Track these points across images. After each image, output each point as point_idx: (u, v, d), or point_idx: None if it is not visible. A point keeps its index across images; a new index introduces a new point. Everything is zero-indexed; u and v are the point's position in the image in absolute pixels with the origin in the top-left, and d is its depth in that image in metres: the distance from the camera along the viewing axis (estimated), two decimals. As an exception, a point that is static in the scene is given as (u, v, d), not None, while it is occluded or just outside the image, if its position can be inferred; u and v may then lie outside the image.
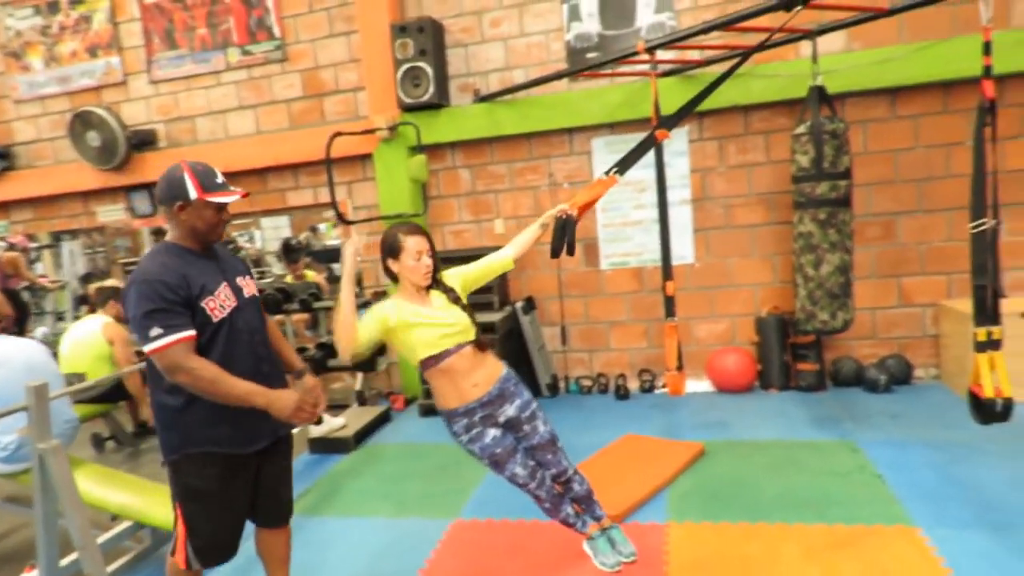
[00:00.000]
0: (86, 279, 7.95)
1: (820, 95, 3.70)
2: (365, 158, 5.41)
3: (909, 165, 4.55)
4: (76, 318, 6.69)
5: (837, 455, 3.51)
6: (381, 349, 5.39)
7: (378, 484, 3.74)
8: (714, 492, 3.21)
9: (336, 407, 5.11)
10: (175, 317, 1.91)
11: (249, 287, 2.21)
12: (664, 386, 4.97)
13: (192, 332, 1.94)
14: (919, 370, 4.64)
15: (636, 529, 2.87)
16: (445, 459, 3.99)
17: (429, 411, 4.90)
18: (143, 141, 5.85)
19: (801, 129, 3.71)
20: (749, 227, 4.87)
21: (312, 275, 6.62)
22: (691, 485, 3.31)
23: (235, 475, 2.11)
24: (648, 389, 4.99)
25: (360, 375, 5.28)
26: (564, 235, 2.52)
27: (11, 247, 6.48)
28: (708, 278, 4.95)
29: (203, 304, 1.99)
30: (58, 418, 3.14)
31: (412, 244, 2.29)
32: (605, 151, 5.02)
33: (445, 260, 2.46)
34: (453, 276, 2.46)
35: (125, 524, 2.99)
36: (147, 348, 1.90)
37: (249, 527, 2.28)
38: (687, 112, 3.07)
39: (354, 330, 2.20)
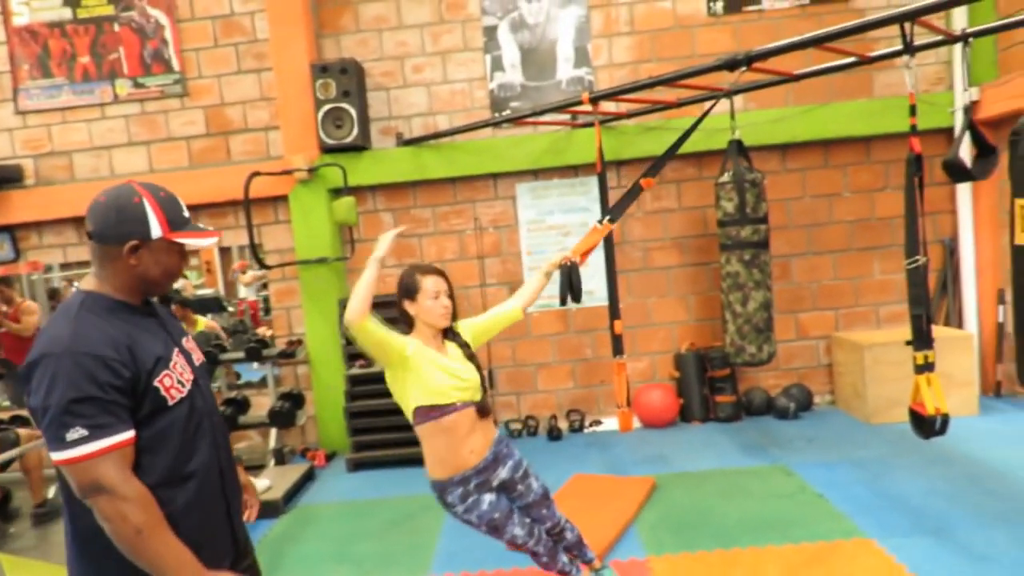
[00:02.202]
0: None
1: (739, 148, 4.07)
2: (278, 200, 5.13)
3: (799, 212, 5.11)
4: None
5: (775, 479, 3.76)
6: (300, 402, 5.05)
7: (326, 547, 3.45)
8: (680, 523, 3.31)
9: (249, 468, 4.68)
10: (110, 412, 1.34)
11: (196, 351, 1.65)
12: (593, 424, 5.09)
13: (130, 434, 1.37)
14: (817, 396, 5.13)
15: (619, 567, 2.88)
16: (393, 514, 3.78)
17: (360, 465, 4.63)
18: (6, 177, 5.15)
19: (725, 178, 4.05)
20: (665, 269, 5.18)
21: (204, 322, 6.06)
22: (656, 518, 3.39)
23: None
24: (578, 429, 5.07)
25: (274, 432, 4.89)
26: (570, 282, 2.55)
27: None
28: (629, 318, 5.18)
29: (157, 383, 1.42)
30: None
31: (430, 284, 2.21)
32: (529, 196, 5.16)
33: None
34: (465, 328, 2.39)
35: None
36: (60, 456, 1.31)
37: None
38: (664, 161, 3.26)
39: (367, 304, 1.99)
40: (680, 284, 5.18)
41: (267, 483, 4.18)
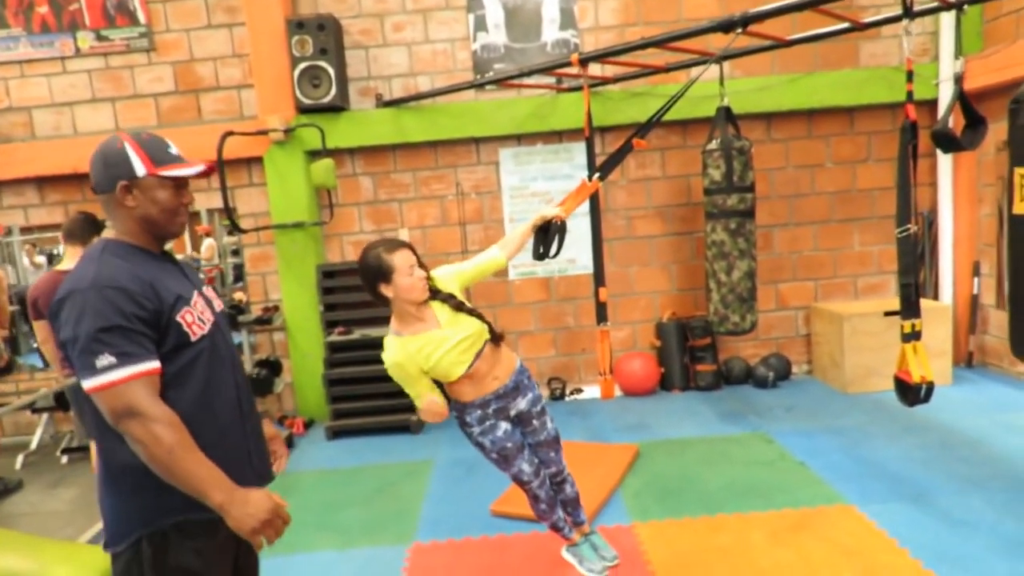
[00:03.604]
0: None
1: (727, 115, 4.02)
2: (252, 162, 4.96)
3: (782, 183, 5.10)
4: None
5: (756, 446, 3.80)
6: (277, 369, 4.96)
7: (308, 515, 3.40)
8: (664, 489, 3.33)
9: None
10: (136, 341, 1.38)
11: (216, 299, 1.70)
12: (575, 392, 5.09)
13: (156, 365, 1.41)
14: (795, 366, 5.19)
15: (605, 532, 2.88)
16: (376, 481, 3.74)
17: (339, 432, 4.57)
18: (-38, 133, 4.88)
19: (713, 145, 4.01)
20: (648, 238, 5.15)
21: None
22: (640, 485, 3.40)
23: (223, 549, 1.59)
24: (559, 397, 5.06)
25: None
26: (548, 238, 2.50)
27: None
28: (611, 286, 5.10)
29: (178, 318, 1.47)
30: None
31: (401, 260, 2.09)
32: (512, 162, 5.06)
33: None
34: (447, 278, 2.29)
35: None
36: (90, 384, 1.35)
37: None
38: (655, 122, 3.19)
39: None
40: (663, 253, 5.16)
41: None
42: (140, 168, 1.49)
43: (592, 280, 5.00)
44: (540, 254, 2.56)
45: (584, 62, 3.78)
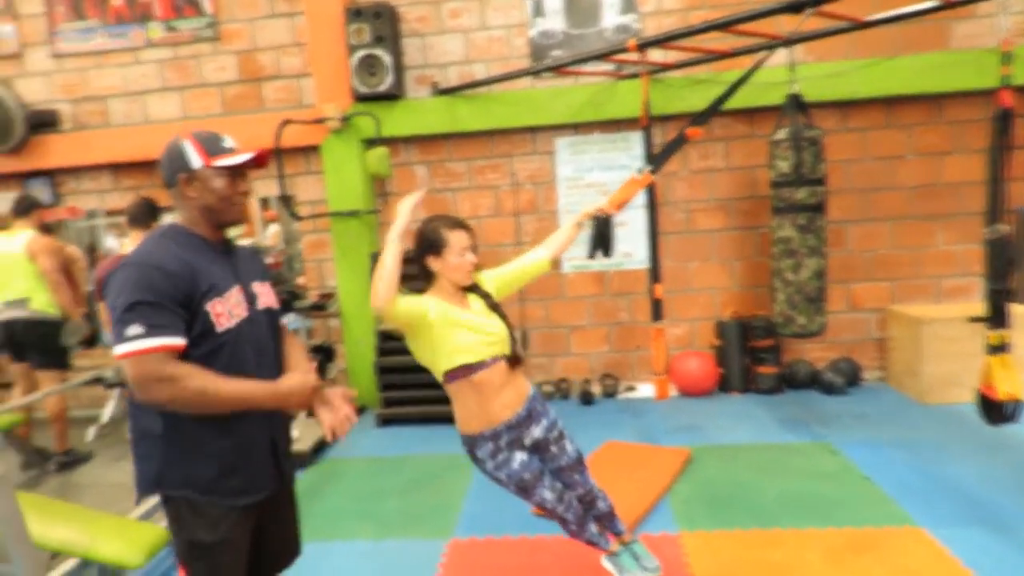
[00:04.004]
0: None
1: (797, 103, 3.77)
2: (310, 150, 5.01)
3: (857, 175, 4.77)
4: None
5: (818, 457, 3.56)
6: (331, 355, 5.02)
7: (350, 503, 3.41)
8: (715, 498, 3.16)
9: (279, 420, 4.68)
10: (165, 316, 1.49)
11: (266, 296, 1.78)
12: (628, 390, 4.94)
13: (183, 341, 1.52)
14: (866, 372, 4.87)
15: (649, 541, 2.75)
16: (418, 473, 3.72)
17: (389, 420, 4.58)
18: (43, 122, 5.13)
19: (781, 135, 3.77)
20: (709, 232, 4.92)
21: None
22: (690, 492, 3.25)
23: (242, 533, 1.69)
24: (611, 394, 4.93)
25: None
26: (602, 234, 2.38)
27: None
28: (668, 282, 4.93)
29: (207, 307, 1.57)
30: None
31: (457, 240, 2.07)
32: (568, 151, 4.93)
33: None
34: (488, 279, 2.25)
35: (70, 563, 2.53)
36: (120, 350, 1.47)
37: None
38: (714, 110, 3.01)
39: (395, 287, 1.87)
40: (724, 248, 4.92)
41: (295, 434, 4.16)
42: (197, 160, 1.63)
43: (648, 275, 4.85)
44: (594, 253, 2.44)
45: (642, 47, 3.61)
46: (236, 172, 1.67)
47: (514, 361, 2.18)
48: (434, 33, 4.91)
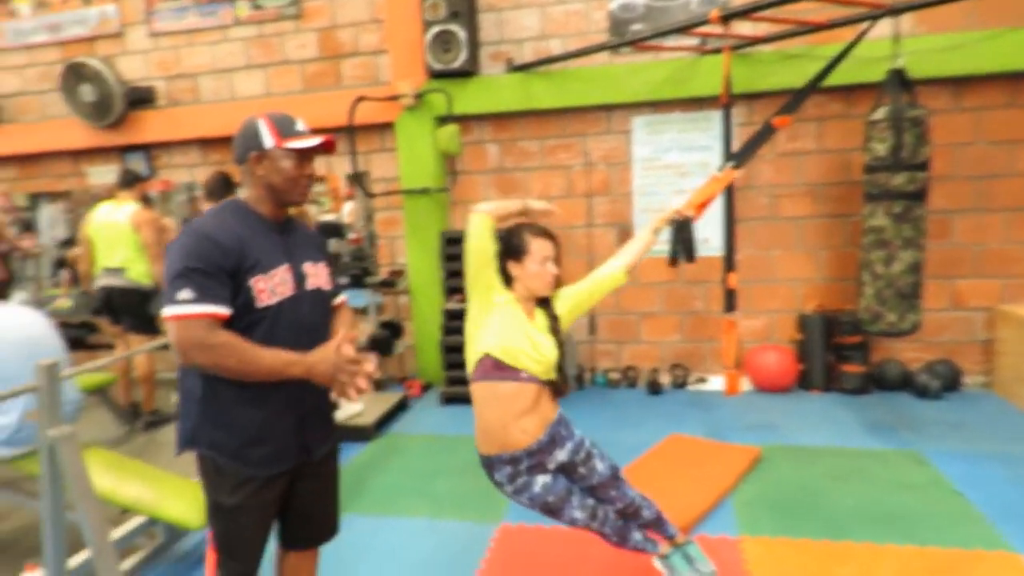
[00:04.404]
0: (65, 245, 7.44)
1: (900, 79, 3.43)
2: (385, 127, 5.04)
3: (968, 161, 4.32)
4: (55, 284, 6.22)
5: (904, 466, 3.28)
6: (398, 331, 5.07)
7: (407, 480, 3.44)
8: (783, 503, 2.96)
9: (347, 393, 4.78)
10: (216, 286, 1.56)
11: (318, 277, 1.80)
12: (699, 382, 4.74)
13: (228, 311, 1.58)
14: (968, 377, 4.44)
15: (706, 543, 2.60)
16: (476, 454, 3.69)
17: (452, 399, 4.60)
18: (141, 98, 5.40)
19: (879, 114, 3.44)
20: (795, 219, 4.61)
21: None
22: (755, 494, 3.06)
23: (265, 499, 1.73)
24: (681, 385, 4.73)
25: (375, 358, 4.94)
26: (681, 240, 2.22)
27: (-10, 207, 6.00)
28: (747, 271, 4.69)
29: (251, 282, 1.62)
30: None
31: (539, 248, 2.00)
32: (645, 131, 4.72)
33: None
34: (562, 299, 2.15)
35: (138, 520, 2.66)
36: (169, 312, 1.54)
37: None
38: (805, 95, 2.76)
39: (501, 215, 2.00)
40: (810, 237, 4.60)
41: (359, 407, 4.23)
42: (269, 140, 1.68)
43: (722, 263, 4.62)
44: (676, 260, 2.29)
45: (726, 19, 3.37)
46: (304, 155, 1.71)
47: (556, 392, 2.08)
48: (510, 8, 4.80)
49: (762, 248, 4.67)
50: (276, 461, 1.71)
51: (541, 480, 2.08)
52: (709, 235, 4.65)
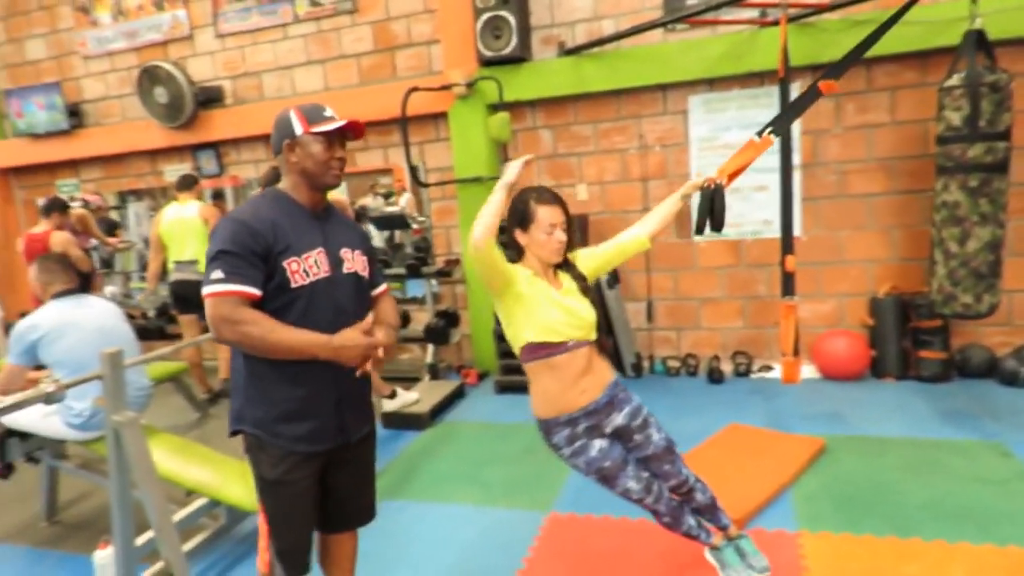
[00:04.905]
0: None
1: (978, 40, 3.16)
2: (439, 117, 5.07)
3: (1063, 127, 3.95)
4: (141, 279, 6.62)
5: (985, 459, 3.05)
6: (454, 320, 5.11)
7: (459, 466, 3.48)
8: (847, 497, 2.82)
9: (407, 380, 4.87)
10: (246, 267, 1.65)
11: (353, 263, 1.86)
12: (763, 370, 4.56)
13: (257, 291, 1.66)
14: (1062, 362, 4.09)
15: (762, 537, 2.51)
16: (529, 441, 3.67)
17: (506, 388, 4.61)
18: (210, 98, 5.64)
19: (953, 81, 3.19)
20: (866, 196, 4.35)
21: None
22: (817, 487, 2.92)
23: (306, 473, 1.81)
24: (744, 373, 4.58)
25: (431, 347, 5.01)
26: (711, 208, 2.13)
27: (86, 204, 6.43)
28: (815, 252, 4.47)
29: (284, 263, 1.70)
30: (129, 387, 2.96)
31: (545, 215, 1.95)
32: (702, 110, 4.56)
33: None
34: (584, 258, 2.12)
35: (201, 501, 2.80)
36: (205, 291, 1.65)
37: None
38: (854, 59, 2.60)
39: (494, 227, 1.82)
40: (884, 215, 4.33)
41: (416, 396, 4.30)
42: (299, 128, 1.76)
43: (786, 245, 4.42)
44: (700, 227, 2.21)
45: (783, -14, 3.19)
46: (332, 139, 1.77)
47: (599, 347, 2.05)
48: (562, -11, 4.72)
49: (831, 228, 4.44)
50: (314, 439, 1.78)
51: (598, 444, 2.08)
52: (772, 216, 4.45)
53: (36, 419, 2.95)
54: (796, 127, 4.37)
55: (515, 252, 2.06)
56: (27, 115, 6.16)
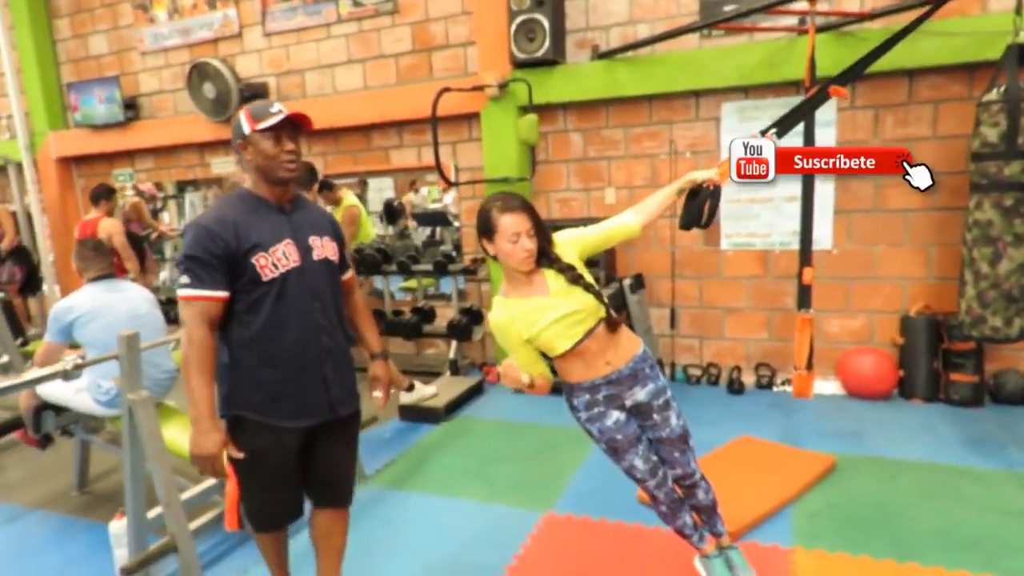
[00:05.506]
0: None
1: (1021, 55, 3.04)
2: (472, 117, 5.13)
3: (1118, 146, 3.75)
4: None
5: (1004, 489, 2.94)
6: (477, 318, 5.18)
7: (467, 462, 3.53)
8: (850, 516, 2.75)
9: (428, 374, 4.96)
10: (208, 272, 1.79)
11: (323, 249, 1.99)
12: (785, 383, 4.48)
13: (219, 293, 1.81)
14: (1106, 393, 3.89)
15: (754, 550, 2.49)
16: (539, 442, 3.72)
17: (523, 388, 4.64)
18: (255, 94, 5.84)
19: (992, 96, 3.08)
20: (903, 211, 4.22)
21: (372, 233, 6.08)
22: (821, 505, 2.86)
23: (281, 445, 1.94)
24: (766, 385, 4.49)
25: (454, 343, 5.09)
26: (701, 206, 2.12)
27: (139, 194, 6.75)
28: (846, 267, 4.36)
29: (252, 260, 1.83)
30: (154, 369, 3.12)
31: (508, 224, 1.91)
32: (736, 118, 4.49)
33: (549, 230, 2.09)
34: (568, 243, 2.07)
35: (212, 480, 2.92)
36: (178, 294, 1.84)
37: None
38: (863, 68, 2.55)
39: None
40: (921, 232, 4.19)
41: (434, 390, 4.37)
42: (247, 127, 1.86)
43: (820, 258, 4.36)
44: (688, 223, 2.20)
45: (813, -6, 3.13)
46: (280, 133, 1.86)
47: (611, 324, 2.04)
48: (598, -7, 4.72)
49: (864, 242, 4.32)
50: (304, 414, 1.92)
51: (615, 415, 2.10)
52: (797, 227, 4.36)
53: (69, 394, 3.14)
54: (831, 137, 4.29)
55: (492, 258, 2.05)
56: (87, 107, 6.51)
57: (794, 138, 3.59)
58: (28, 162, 6.91)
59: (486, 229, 1.97)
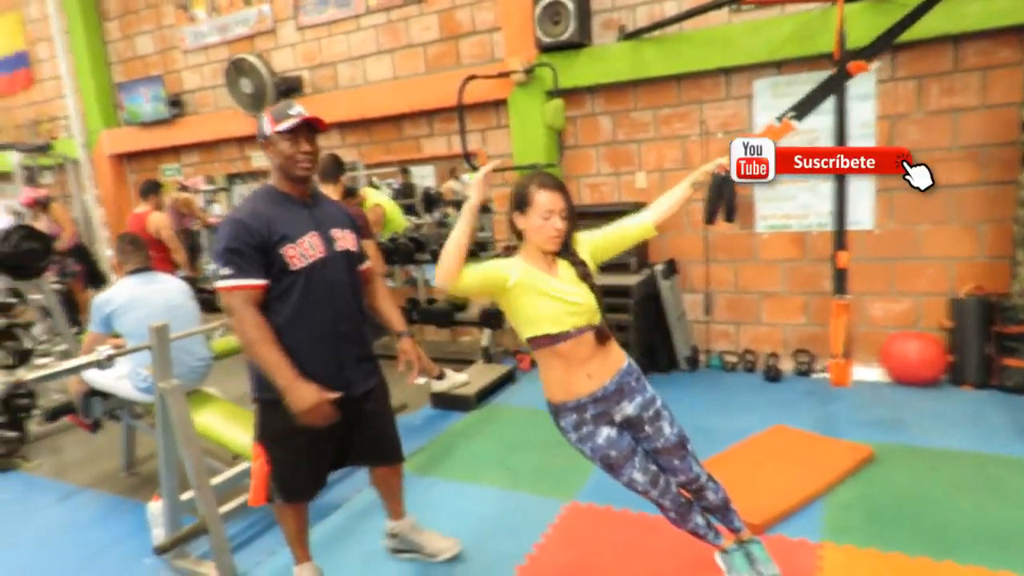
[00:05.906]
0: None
1: (1075, 15, 2.82)
2: (499, 104, 5.10)
3: None
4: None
5: (1056, 481, 2.77)
6: (508, 307, 5.17)
7: (494, 449, 3.54)
8: (884, 510, 2.65)
9: (462, 362, 4.99)
10: (248, 262, 1.94)
11: (344, 240, 2.16)
12: (824, 371, 4.33)
13: (260, 281, 1.97)
14: None
15: (781, 545, 2.42)
16: (565, 431, 3.70)
17: (553, 376, 4.62)
18: (290, 88, 5.94)
19: (1043, 61, 2.86)
20: (950, 188, 3.99)
21: (401, 221, 6.09)
22: (854, 497, 2.76)
23: (306, 426, 2.03)
24: (804, 372, 4.35)
25: (487, 331, 5.10)
26: (721, 196, 2.05)
27: (184, 188, 6.98)
28: (889, 248, 4.16)
29: (281, 251, 1.99)
30: (189, 357, 3.23)
31: (544, 200, 1.92)
32: (769, 95, 4.33)
33: (580, 216, 2.08)
34: (583, 243, 2.07)
35: (246, 464, 3.02)
36: (217, 284, 1.96)
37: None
38: (888, 40, 2.40)
39: (459, 263, 1.84)
40: (969, 208, 3.96)
41: (465, 378, 4.39)
42: (268, 128, 2.02)
43: (861, 239, 4.19)
44: (711, 217, 2.13)
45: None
46: (297, 134, 2.00)
47: (600, 335, 2.01)
48: (624, -28, 4.60)
49: (908, 222, 4.12)
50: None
51: (605, 432, 2.06)
52: (851, 208, 4.18)
53: (112, 381, 3.29)
54: (871, 111, 4.09)
55: (518, 237, 2.05)
56: (135, 106, 6.74)
57: (825, 116, 3.46)
58: (85, 159, 7.23)
59: (521, 202, 1.98)
